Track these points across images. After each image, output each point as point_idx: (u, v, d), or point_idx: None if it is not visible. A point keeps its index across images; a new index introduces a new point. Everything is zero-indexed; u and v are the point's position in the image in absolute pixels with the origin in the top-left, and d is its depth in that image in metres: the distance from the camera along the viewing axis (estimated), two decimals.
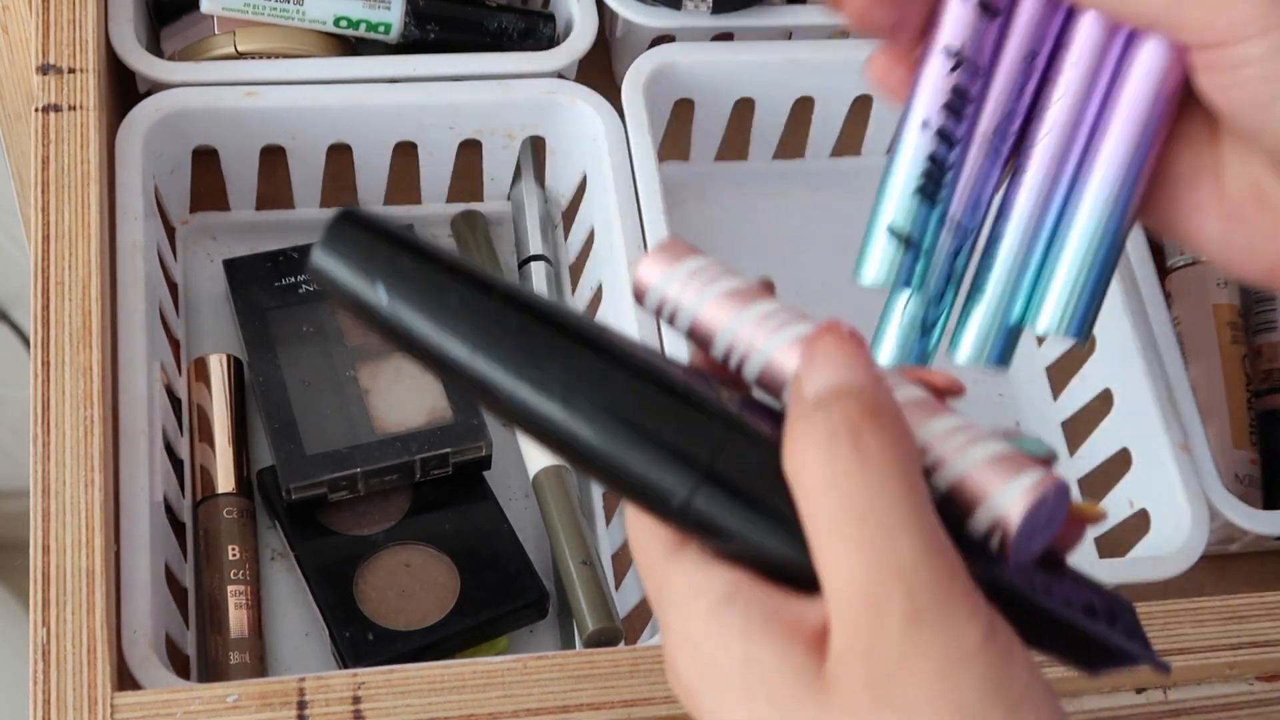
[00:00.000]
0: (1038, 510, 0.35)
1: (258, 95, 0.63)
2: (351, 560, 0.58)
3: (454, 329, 0.34)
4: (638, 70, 0.65)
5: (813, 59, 0.68)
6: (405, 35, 0.67)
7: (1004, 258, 0.45)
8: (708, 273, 0.39)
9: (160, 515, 0.55)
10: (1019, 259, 0.45)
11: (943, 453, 0.36)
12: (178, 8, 0.67)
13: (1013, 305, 0.44)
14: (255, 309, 0.63)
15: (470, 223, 0.67)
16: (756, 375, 0.38)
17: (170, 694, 0.48)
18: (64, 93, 0.58)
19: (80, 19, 0.59)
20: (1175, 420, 0.60)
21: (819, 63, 0.68)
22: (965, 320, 0.44)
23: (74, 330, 0.53)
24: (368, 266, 0.35)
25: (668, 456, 0.34)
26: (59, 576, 0.49)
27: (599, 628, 0.56)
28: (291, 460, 0.58)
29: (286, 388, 0.60)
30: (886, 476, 0.32)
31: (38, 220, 0.55)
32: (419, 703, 0.49)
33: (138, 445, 0.54)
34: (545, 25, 0.69)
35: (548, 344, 0.35)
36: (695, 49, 0.67)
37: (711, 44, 0.67)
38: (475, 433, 0.59)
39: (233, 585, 0.56)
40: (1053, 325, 0.43)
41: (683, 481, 0.34)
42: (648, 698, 0.50)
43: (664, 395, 0.35)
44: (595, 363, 0.35)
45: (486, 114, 0.65)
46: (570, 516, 0.58)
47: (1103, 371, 0.65)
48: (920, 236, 0.43)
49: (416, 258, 0.35)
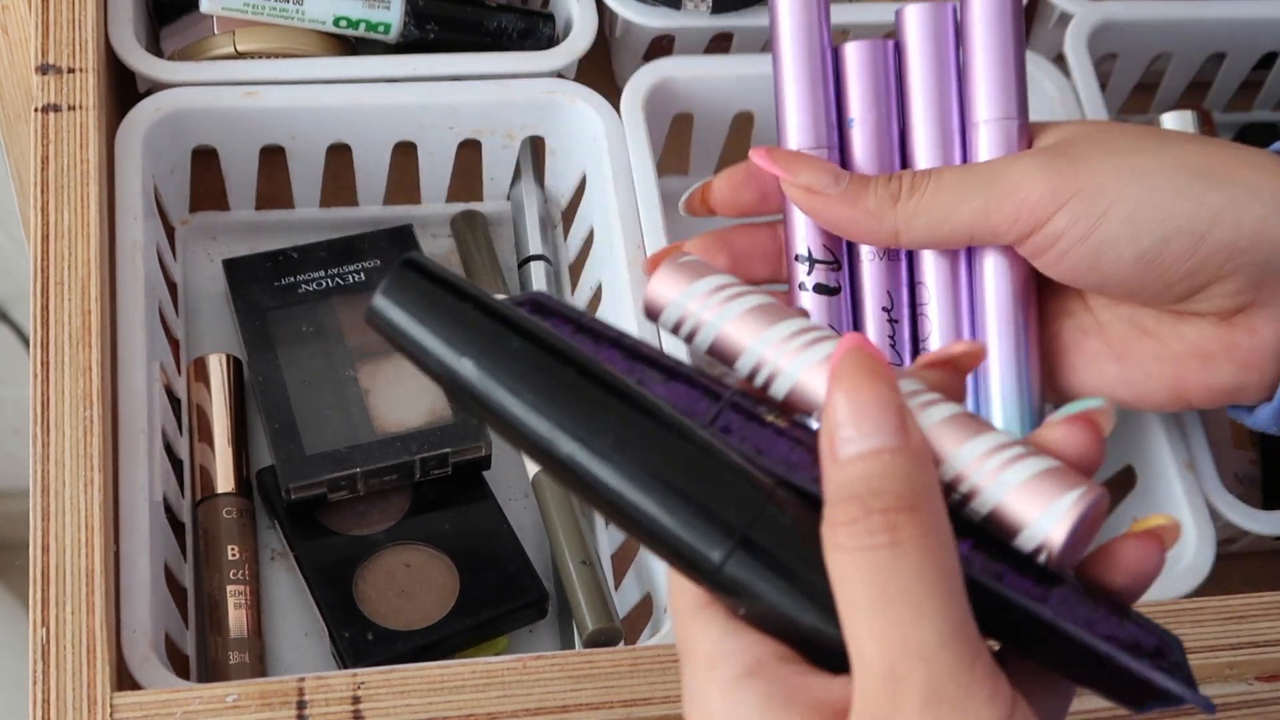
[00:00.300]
0: (1079, 528, 0.35)
1: (257, 95, 0.63)
2: (351, 560, 0.58)
3: (511, 385, 0.35)
4: (637, 84, 0.65)
5: None
6: (405, 35, 0.67)
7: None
8: (727, 290, 0.39)
9: (160, 515, 0.55)
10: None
11: (979, 480, 0.36)
12: (178, 8, 0.67)
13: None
14: (255, 309, 0.63)
15: (470, 223, 0.67)
16: (784, 395, 0.38)
17: (170, 694, 0.48)
18: (64, 93, 0.58)
19: (80, 19, 0.59)
20: (1180, 438, 0.60)
21: None
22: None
23: (74, 330, 0.53)
24: (427, 316, 0.36)
25: (704, 520, 0.35)
26: (59, 576, 0.49)
27: (599, 628, 0.56)
28: (291, 460, 0.58)
29: (286, 388, 0.60)
30: (918, 562, 0.33)
31: (38, 220, 0.55)
32: (419, 703, 0.49)
33: (137, 445, 0.54)
34: (545, 25, 0.69)
35: (597, 402, 0.35)
36: (694, 63, 0.66)
37: (710, 57, 0.67)
38: (475, 433, 0.59)
39: (232, 585, 0.56)
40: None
41: (717, 546, 0.35)
42: (647, 698, 0.50)
43: (704, 458, 0.35)
44: (640, 422, 0.35)
45: (486, 114, 0.65)
46: (570, 517, 0.58)
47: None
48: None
49: (476, 310, 0.36)
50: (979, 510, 0.36)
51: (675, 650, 0.51)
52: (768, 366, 0.38)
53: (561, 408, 0.35)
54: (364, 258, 0.64)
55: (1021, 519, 0.36)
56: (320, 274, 0.64)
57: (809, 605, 0.35)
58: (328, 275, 0.64)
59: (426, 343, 0.36)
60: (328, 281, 0.64)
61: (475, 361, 0.35)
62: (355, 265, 0.64)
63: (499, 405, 0.35)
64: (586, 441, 0.35)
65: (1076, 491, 0.35)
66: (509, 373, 0.35)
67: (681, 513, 0.35)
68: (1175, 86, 0.75)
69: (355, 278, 0.64)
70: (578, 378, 0.35)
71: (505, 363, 0.35)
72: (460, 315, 0.36)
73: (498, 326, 0.36)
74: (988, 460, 0.36)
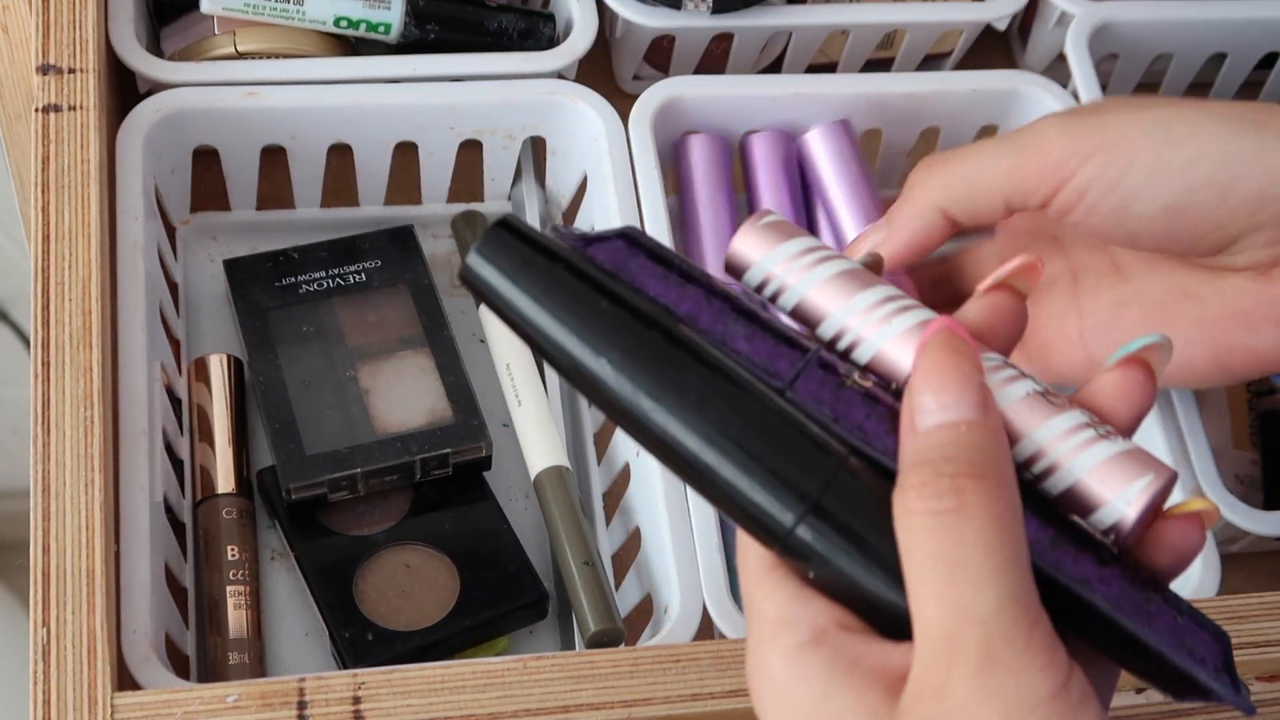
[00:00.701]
0: (1150, 509, 0.36)
1: (258, 95, 0.63)
2: (351, 560, 0.58)
3: (596, 345, 0.36)
4: (644, 104, 0.64)
5: (818, 93, 0.67)
6: (405, 35, 0.67)
7: None
8: (814, 253, 0.39)
9: (160, 515, 0.55)
10: None
11: (1057, 457, 0.37)
12: (178, 8, 0.67)
13: None
14: (255, 309, 0.63)
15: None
16: (865, 363, 0.38)
17: (170, 694, 0.48)
18: (64, 93, 0.58)
19: (80, 19, 0.59)
20: (1185, 464, 0.60)
21: (825, 96, 0.67)
22: None
23: (74, 330, 0.53)
24: (517, 276, 0.37)
25: (777, 485, 0.35)
26: (59, 576, 0.49)
27: (601, 628, 0.56)
28: (291, 460, 0.58)
29: (286, 388, 0.60)
30: (983, 529, 0.33)
31: (38, 220, 0.55)
32: (419, 703, 0.49)
33: (138, 445, 0.54)
34: (545, 25, 0.69)
35: (680, 365, 0.36)
36: (702, 82, 0.66)
37: (718, 77, 0.67)
38: (475, 433, 0.59)
39: (232, 585, 0.56)
40: None
41: (789, 510, 0.35)
42: (648, 698, 0.50)
43: (781, 423, 0.36)
44: (720, 384, 0.36)
45: (486, 114, 0.65)
46: (571, 517, 0.58)
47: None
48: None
49: (566, 271, 0.37)
50: (1054, 488, 0.37)
51: (675, 651, 0.51)
52: (850, 334, 0.39)
53: (645, 369, 0.36)
54: (364, 258, 0.64)
55: (1097, 498, 0.36)
56: (321, 274, 0.64)
57: (877, 571, 0.35)
58: (328, 275, 0.64)
59: (516, 302, 0.37)
60: (328, 282, 0.64)
61: (562, 322, 0.37)
62: (356, 265, 0.64)
63: (586, 365, 0.36)
64: (667, 402, 0.36)
65: (1150, 475, 0.36)
66: (595, 333, 0.36)
67: (756, 476, 0.35)
68: (1176, 87, 0.75)
69: (356, 278, 0.64)
70: (662, 340, 0.36)
71: (592, 323, 0.36)
72: (550, 276, 0.37)
73: (586, 288, 0.37)
74: (1066, 439, 0.37)
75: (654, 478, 0.57)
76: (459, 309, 0.66)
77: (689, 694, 0.50)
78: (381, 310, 0.63)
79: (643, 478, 0.58)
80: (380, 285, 0.64)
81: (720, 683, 0.51)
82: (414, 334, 0.62)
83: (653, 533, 0.57)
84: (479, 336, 0.66)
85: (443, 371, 0.61)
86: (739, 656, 0.51)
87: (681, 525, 0.56)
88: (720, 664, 0.51)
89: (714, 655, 0.51)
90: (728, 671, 0.51)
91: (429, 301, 0.63)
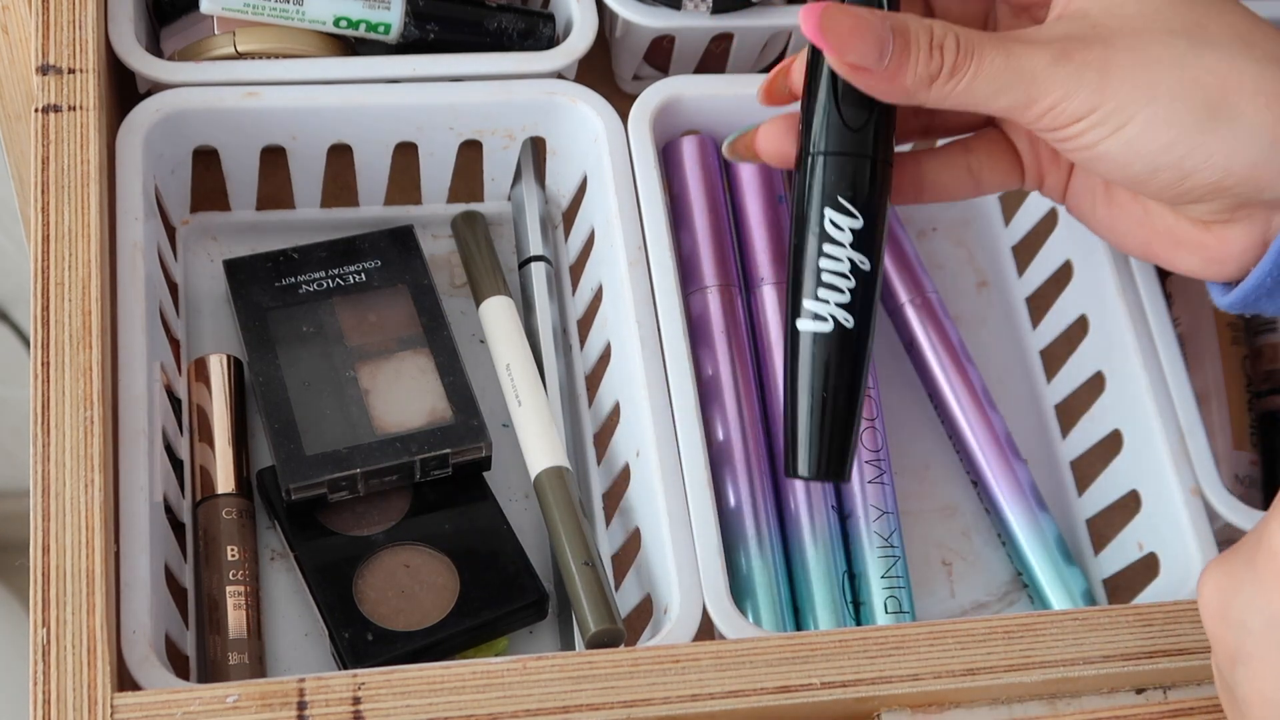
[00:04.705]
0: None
1: (258, 95, 0.63)
2: (351, 560, 0.58)
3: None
4: (644, 104, 0.64)
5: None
6: (405, 35, 0.67)
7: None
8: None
9: (160, 516, 0.55)
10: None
11: None
12: (178, 8, 0.67)
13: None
14: (255, 309, 0.63)
15: (470, 223, 0.67)
16: None
17: (170, 694, 0.48)
18: (64, 93, 0.58)
19: (80, 19, 0.59)
20: (1185, 463, 0.60)
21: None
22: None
23: (74, 330, 0.53)
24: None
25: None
26: (59, 576, 0.49)
27: (602, 629, 0.56)
28: (291, 460, 0.58)
29: (286, 388, 0.60)
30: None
31: (38, 220, 0.55)
32: (419, 703, 0.49)
33: (138, 445, 0.54)
34: (545, 25, 0.69)
35: None
36: (702, 82, 0.66)
37: (718, 77, 0.67)
38: (475, 433, 0.59)
39: (232, 586, 0.57)
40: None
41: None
42: (647, 698, 0.50)
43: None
44: None
45: (486, 114, 0.65)
46: (571, 517, 0.58)
47: (1110, 414, 0.64)
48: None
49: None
50: None
51: (675, 651, 0.51)
52: None
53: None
54: (364, 258, 0.64)
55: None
56: (321, 274, 0.64)
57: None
58: (328, 276, 0.64)
59: None
60: (328, 282, 0.64)
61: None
62: (356, 266, 0.64)
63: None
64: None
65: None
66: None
67: None
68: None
69: (356, 278, 0.64)
70: None
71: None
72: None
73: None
74: None
75: (654, 478, 0.57)
76: (459, 309, 0.66)
77: (689, 694, 0.50)
78: (381, 310, 0.63)
79: (643, 478, 0.58)
80: (380, 285, 0.64)
81: (720, 683, 0.51)
82: (414, 334, 0.62)
83: (653, 533, 0.57)
84: (479, 336, 0.66)
85: (442, 372, 0.61)
86: (739, 657, 0.51)
87: (681, 526, 0.56)
88: (720, 664, 0.51)
89: (714, 656, 0.51)
90: (728, 672, 0.51)
91: (429, 301, 0.63)
